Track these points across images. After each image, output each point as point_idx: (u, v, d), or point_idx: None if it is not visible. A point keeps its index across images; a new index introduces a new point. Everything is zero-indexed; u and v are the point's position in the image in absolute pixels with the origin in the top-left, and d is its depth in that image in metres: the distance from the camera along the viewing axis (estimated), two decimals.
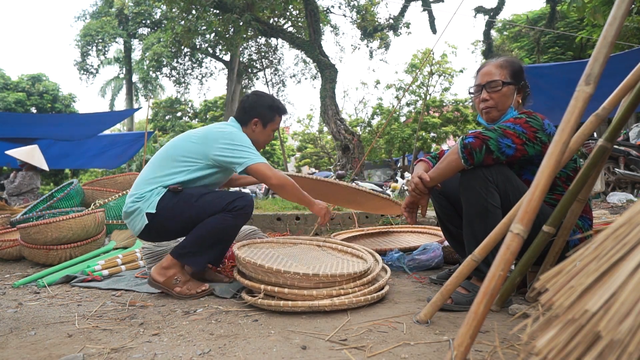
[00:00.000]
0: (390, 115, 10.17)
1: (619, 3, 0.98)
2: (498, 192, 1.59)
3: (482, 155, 1.58)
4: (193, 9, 10.85)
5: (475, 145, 1.58)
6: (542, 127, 1.63)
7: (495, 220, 1.53)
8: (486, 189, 1.58)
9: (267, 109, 2.13)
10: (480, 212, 1.58)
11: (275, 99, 2.21)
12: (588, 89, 0.96)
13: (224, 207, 1.84)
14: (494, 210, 1.58)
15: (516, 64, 1.81)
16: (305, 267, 1.76)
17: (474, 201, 1.60)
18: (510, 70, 1.78)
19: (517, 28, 16.34)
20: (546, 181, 0.92)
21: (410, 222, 1.89)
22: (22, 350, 1.26)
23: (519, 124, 1.62)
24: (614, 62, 5.30)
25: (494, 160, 1.59)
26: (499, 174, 1.60)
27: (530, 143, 1.60)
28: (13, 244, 2.97)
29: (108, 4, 22.17)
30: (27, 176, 5.19)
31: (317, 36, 10.47)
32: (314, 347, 1.24)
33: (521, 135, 1.59)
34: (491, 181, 1.59)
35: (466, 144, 1.59)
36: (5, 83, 20.55)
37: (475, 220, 1.60)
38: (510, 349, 1.18)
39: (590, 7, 5.45)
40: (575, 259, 0.62)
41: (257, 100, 2.14)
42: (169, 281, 1.85)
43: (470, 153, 1.58)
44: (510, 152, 1.59)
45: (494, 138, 1.59)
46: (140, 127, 23.76)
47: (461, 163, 1.61)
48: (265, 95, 2.18)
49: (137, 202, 1.89)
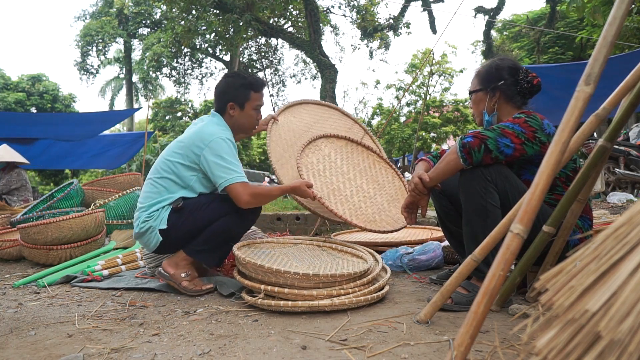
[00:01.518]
0: (390, 115, 10.19)
1: (619, 3, 0.98)
2: (497, 191, 1.59)
3: (481, 154, 1.58)
4: (193, 9, 10.86)
5: (474, 145, 1.58)
6: (541, 127, 1.63)
7: (495, 219, 1.54)
8: (485, 189, 1.58)
9: (238, 89, 2.06)
10: (480, 212, 1.58)
11: (246, 76, 2.10)
12: (588, 89, 0.96)
13: (228, 212, 1.90)
14: (493, 209, 1.58)
15: (488, 67, 1.83)
16: (305, 267, 1.76)
17: (473, 201, 1.60)
18: (480, 77, 1.85)
19: (517, 28, 16.34)
20: (546, 181, 0.92)
21: (409, 222, 1.90)
22: (22, 350, 1.26)
23: (518, 123, 1.62)
24: (614, 63, 5.31)
25: (492, 160, 1.60)
26: (498, 173, 1.60)
27: (529, 143, 1.60)
28: (13, 244, 2.97)
29: (108, 4, 22.18)
30: (13, 173, 5.20)
31: (317, 36, 10.48)
32: (314, 347, 1.24)
33: (520, 135, 1.60)
34: (490, 180, 1.59)
35: (465, 144, 1.60)
36: (5, 83, 20.56)
37: (474, 220, 1.60)
38: (510, 349, 1.18)
39: (590, 7, 5.45)
40: (575, 259, 0.62)
41: (227, 83, 2.09)
42: (178, 274, 1.91)
43: (469, 152, 1.59)
44: (509, 151, 1.59)
45: (492, 137, 1.59)
46: (140, 127, 23.76)
47: (460, 163, 1.61)
48: (235, 75, 2.11)
49: (147, 221, 1.93)
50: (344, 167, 2.69)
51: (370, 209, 2.53)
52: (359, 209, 2.50)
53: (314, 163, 2.57)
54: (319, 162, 2.60)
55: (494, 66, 1.82)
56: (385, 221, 2.52)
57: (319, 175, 2.52)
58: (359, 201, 2.53)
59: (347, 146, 2.82)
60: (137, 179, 4.26)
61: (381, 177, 2.78)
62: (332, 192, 2.49)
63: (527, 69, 1.80)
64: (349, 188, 2.58)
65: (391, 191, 2.73)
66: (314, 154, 2.62)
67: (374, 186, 2.68)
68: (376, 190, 2.66)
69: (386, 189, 2.72)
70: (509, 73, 1.79)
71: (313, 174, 2.50)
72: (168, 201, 1.94)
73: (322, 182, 2.50)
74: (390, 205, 2.64)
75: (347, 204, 2.48)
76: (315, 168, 2.56)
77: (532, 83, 1.77)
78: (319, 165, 2.59)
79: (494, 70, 1.81)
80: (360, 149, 2.85)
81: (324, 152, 2.69)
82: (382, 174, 2.81)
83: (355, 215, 2.42)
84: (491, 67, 1.82)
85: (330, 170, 2.61)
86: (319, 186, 2.45)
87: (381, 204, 2.62)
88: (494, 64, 1.84)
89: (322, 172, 2.56)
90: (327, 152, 2.70)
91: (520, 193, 1.60)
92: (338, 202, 2.45)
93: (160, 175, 1.98)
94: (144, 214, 1.94)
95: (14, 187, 5.14)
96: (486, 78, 1.82)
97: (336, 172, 2.62)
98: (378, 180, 2.74)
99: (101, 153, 10.57)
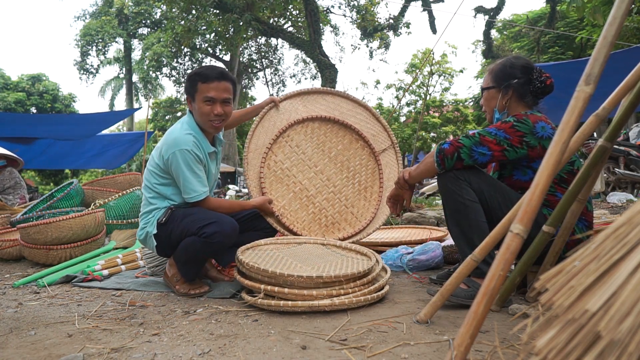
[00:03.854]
0: (390, 115, 10.18)
1: (619, 3, 0.98)
2: (472, 188, 1.65)
3: (453, 162, 1.66)
4: (193, 9, 10.85)
5: (448, 152, 1.66)
6: (532, 131, 1.64)
7: (476, 212, 1.62)
8: (459, 186, 1.65)
9: (189, 81, 2.00)
10: (459, 209, 1.64)
11: (200, 67, 2.03)
12: (588, 89, 0.96)
13: (194, 232, 1.82)
14: (472, 204, 1.63)
15: (502, 65, 1.85)
16: (309, 269, 1.76)
17: (451, 200, 1.67)
18: (493, 74, 1.86)
19: (517, 28, 16.34)
20: (546, 181, 0.92)
21: (392, 212, 1.97)
22: (22, 350, 1.26)
23: (504, 129, 1.66)
24: (614, 59, 5.30)
25: (463, 167, 1.68)
26: (470, 173, 1.67)
27: (511, 148, 1.64)
28: (13, 244, 2.97)
29: (108, 4, 22.17)
30: (5, 172, 5.20)
31: (317, 36, 10.47)
32: (314, 347, 1.24)
33: (502, 142, 1.64)
34: (462, 179, 1.66)
35: (441, 149, 1.68)
36: (5, 83, 20.55)
37: (457, 218, 1.66)
38: (510, 349, 1.18)
39: (590, 7, 5.45)
40: (575, 258, 0.62)
41: (185, 80, 2.09)
42: (172, 278, 1.96)
43: (442, 159, 1.67)
44: (484, 159, 1.65)
45: (467, 146, 1.65)
46: (140, 127, 23.77)
47: (435, 167, 1.69)
48: (191, 72, 2.06)
49: (144, 228, 2.00)
50: (315, 156, 2.53)
51: (333, 209, 2.47)
52: (321, 211, 2.44)
53: (280, 162, 2.45)
54: (286, 159, 2.47)
55: (508, 64, 1.82)
56: (347, 221, 2.47)
57: (283, 177, 2.43)
58: (323, 200, 2.46)
59: (324, 126, 2.60)
60: (137, 179, 4.26)
61: (355, 160, 2.60)
62: (296, 195, 2.43)
63: (540, 69, 1.80)
64: (315, 185, 2.48)
65: (363, 177, 2.59)
66: (282, 149, 2.48)
67: (344, 175, 2.55)
68: (346, 181, 2.54)
69: (358, 175, 2.58)
70: (523, 72, 1.79)
71: (276, 179, 2.42)
72: (157, 206, 1.99)
73: (286, 185, 2.43)
74: (358, 197, 2.54)
75: (308, 208, 2.42)
76: (281, 168, 2.44)
77: (545, 83, 1.78)
78: (285, 163, 2.46)
79: (508, 69, 1.81)
80: (337, 128, 2.62)
81: (295, 141, 2.52)
82: (357, 156, 2.61)
83: (313, 223, 2.40)
84: (505, 65, 1.83)
85: (298, 165, 2.48)
86: (280, 193, 2.39)
87: (347, 199, 2.51)
88: (508, 62, 1.84)
89: (287, 170, 2.45)
90: (297, 142, 2.52)
91: (497, 190, 1.67)
92: (299, 207, 2.41)
93: (147, 183, 2.03)
94: (142, 221, 2.03)
95: (8, 185, 5.14)
96: (500, 76, 1.83)
97: (303, 167, 2.49)
98: (350, 166, 2.57)
99: (101, 153, 10.58)
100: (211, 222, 1.81)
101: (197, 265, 1.93)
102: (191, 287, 1.92)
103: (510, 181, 1.75)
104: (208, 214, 1.89)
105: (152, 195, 2.00)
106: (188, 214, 1.90)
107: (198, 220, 1.84)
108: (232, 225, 1.84)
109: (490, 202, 1.65)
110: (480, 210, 1.63)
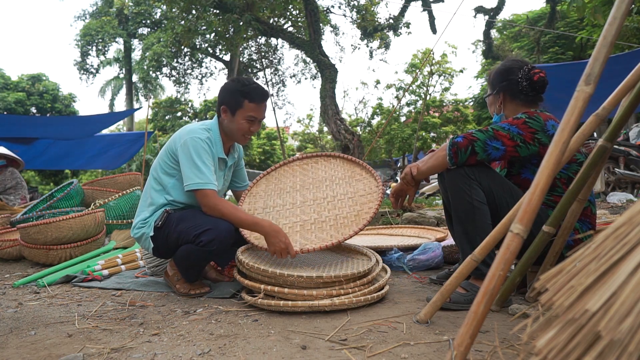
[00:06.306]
0: (390, 115, 10.19)
1: (619, 3, 0.98)
2: (481, 188, 1.63)
3: (466, 155, 1.62)
4: (193, 9, 10.85)
5: (462, 145, 1.63)
6: (543, 129, 1.63)
7: (483, 215, 1.60)
8: (469, 186, 1.62)
9: (233, 94, 1.93)
10: (466, 209, 1.62)
11: (247, 83, 1.93)
12: (588, 89, 0.96)
13: (191, 240, 1.79)
14: (480, 205, 1.61)
15: (494, 71, 1.91)
16: (309, 269, 1.75)
17: (459, 199, 1.64)
18: (489, 81, 1.93)
19: (517, 28, 16.33)
20: (546, 181, 0.92)
21: (394, 207, 1.94)
22: (22, 350, 1.26)
23: (516, 124, 1.64)
24: (614, 62, 5.30)
25: (477, 162, 1.64)
26: (481, 172, 1.65)
27: (524, 145, 1.62)
28: (13, 244, 2.97)
29: (108, 4, 22.16)
30: (7, 172, 5.20)
31: (317, 36, 10.47)
32: (314, 347, 1.24)
33: (515, 137, 1.62)
34: (473, 178, 1.63)
35: (454, 143, 1.64)
36: (5, 83, 20.53)
37: (463, 218, 1.64)
38: (510, 349, 1.18)
39: (590, 7, 5.45)
40: (575, 259, 0.62)
41: (225, 86, 1.99)
42: (173, 277, 1.97)
43: (456, 152, 1.63)
44: (498, 154, 1.63)
45: (482, 140, 1.62)
46: (140, 127, 23.76)
47: (447, 161, 1.65)
48: (236, 80, 1.96)
49: (142, 228, 1.98)
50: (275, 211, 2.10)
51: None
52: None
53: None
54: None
55: (498, 70, 1.89)
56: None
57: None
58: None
59: (275, 172, 2.31)
60: (137, 179, 4.26)
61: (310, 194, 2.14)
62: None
63: (529, 67, 1.79)
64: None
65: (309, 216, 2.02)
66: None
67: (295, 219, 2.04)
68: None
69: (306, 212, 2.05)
70: (510, 73, 1.82)
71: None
72: (154, 205, 1.98)
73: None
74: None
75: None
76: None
77: (532, 80, 1.76)
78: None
79: (497, 74, 1.87)
80: (286, 167, 2.32)
81: (258, 203, 2.17)
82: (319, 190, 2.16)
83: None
84: (496, 71, 1.90)
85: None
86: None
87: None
88: (499, 67, 1.91)
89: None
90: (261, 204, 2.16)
91: (505, 190, 1.65)
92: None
93: (154, 172, 2.03)
94: (138, 217, 2.01)
95: (10, 185, 5.14)
96: (492, 81, 1.90)
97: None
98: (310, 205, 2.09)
99: (101, 153, 10.57)
100: (206, 228, 1.76)
101: (198, 269, 1.93)
102: (192, 287, 1.92)
103: (518, 180, 1.75)
104: (203, 218, 1.83)
105: (153, 185, 2.00)
106: (183, 219, 1.86)
107: (193, 227, 1.79)
108: (228, 230, 1.80)
109: (499, 202, 1.64)
110: (487, 213, 1.61)
